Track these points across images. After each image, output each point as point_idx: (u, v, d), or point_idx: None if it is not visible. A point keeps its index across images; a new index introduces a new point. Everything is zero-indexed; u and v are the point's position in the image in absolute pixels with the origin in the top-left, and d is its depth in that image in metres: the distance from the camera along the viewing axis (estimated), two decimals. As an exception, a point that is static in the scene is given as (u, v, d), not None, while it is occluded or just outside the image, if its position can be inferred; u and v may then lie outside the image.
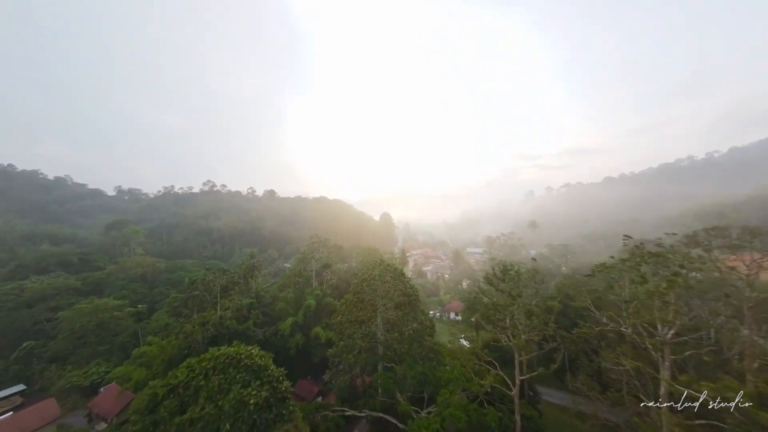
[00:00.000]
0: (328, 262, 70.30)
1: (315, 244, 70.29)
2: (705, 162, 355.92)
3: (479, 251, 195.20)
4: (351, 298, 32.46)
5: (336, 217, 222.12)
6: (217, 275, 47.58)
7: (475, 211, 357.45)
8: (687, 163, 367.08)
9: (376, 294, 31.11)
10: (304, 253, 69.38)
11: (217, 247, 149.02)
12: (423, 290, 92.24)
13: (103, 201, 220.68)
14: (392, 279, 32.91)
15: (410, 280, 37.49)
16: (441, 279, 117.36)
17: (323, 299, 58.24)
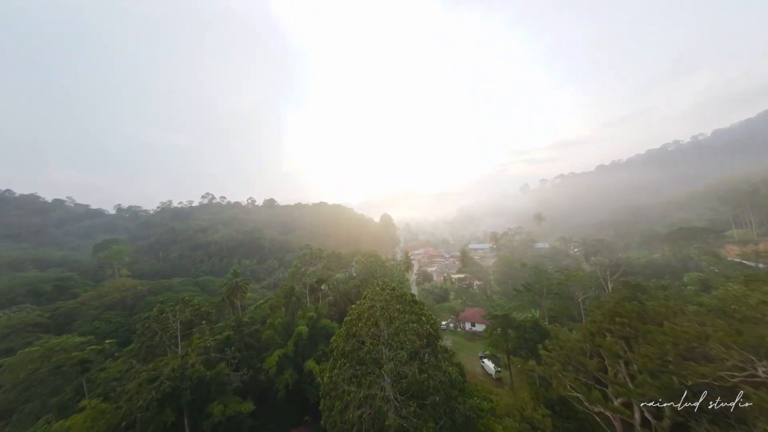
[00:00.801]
0: (323, 276, 59.16)
1: (307, 256, 59.32)
2: (692, 145, 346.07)
3: (483, 247, 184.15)
4: (342, 346, 21.31)
5: (336, 222, 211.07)
6: (177, 308, 36.39)
7: (472, 207, 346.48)
8: (674, 148, 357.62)
9: (379, 341, 20.08)
10: (295, 267, 58.33)
11: (214, 261, 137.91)
12: (431, 295, 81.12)
13: (103, 220, 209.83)
14: (401, 313, 21.83)
15: (427, 309, 26.24)
16: (448, 280, 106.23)
17: (318, 321, 47.25)
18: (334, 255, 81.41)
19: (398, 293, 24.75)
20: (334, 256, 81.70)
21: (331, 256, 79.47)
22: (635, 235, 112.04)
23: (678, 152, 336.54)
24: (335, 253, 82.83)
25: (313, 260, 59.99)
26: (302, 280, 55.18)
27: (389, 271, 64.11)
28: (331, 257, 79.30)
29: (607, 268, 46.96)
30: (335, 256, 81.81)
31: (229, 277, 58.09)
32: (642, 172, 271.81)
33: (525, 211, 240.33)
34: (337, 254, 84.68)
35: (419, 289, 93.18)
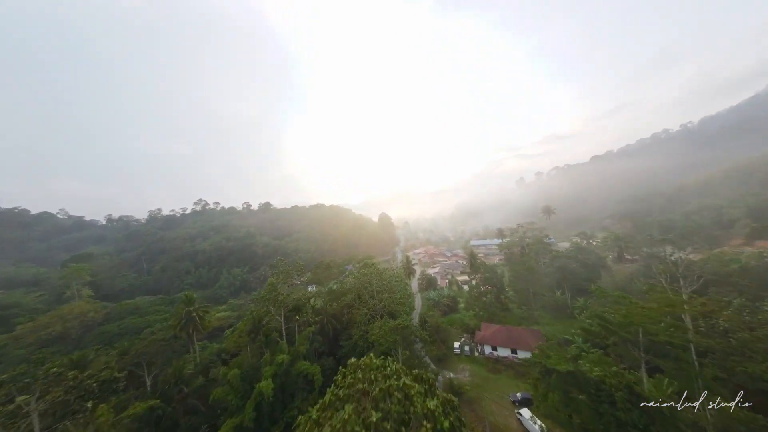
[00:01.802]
0: (300, 301, 44.72)
1: (282, 274, 44.96)
2: (684, 132, 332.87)
3: (485, 243, 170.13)
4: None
5: (333, 224, 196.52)
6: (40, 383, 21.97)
7: (470, 202, 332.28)
8: (666, 136, 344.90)
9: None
10: (270, 286, 43.97)
11: (201, 271, 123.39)
12: (438, 307, 67.08)
13: (93, 232, 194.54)
14: None
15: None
16: (454, 284, 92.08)
17: (294, 365, 33.16)
18: (322, 265, 67.34)
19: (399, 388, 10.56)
20: (323, 266, 67.59)
21: (319, 267, 65.46)
22: (655, 226, 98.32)
23: (672, 140, 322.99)
24: (324, 262, 68.93)
25: (290, 278, 45.78)
26: (277, 303, 40.97)
27: (388, 283, 49.88)
28: (320, 267, 65.26)
29: (685, 279, 32.57)
30: (324, 266, 67.69)
31: (178, 307, 43.75)
32: (639, 161, 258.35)
33: (526, 205, 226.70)
34: (327, 264, 70.60)
35: (423, 297, 79.08)
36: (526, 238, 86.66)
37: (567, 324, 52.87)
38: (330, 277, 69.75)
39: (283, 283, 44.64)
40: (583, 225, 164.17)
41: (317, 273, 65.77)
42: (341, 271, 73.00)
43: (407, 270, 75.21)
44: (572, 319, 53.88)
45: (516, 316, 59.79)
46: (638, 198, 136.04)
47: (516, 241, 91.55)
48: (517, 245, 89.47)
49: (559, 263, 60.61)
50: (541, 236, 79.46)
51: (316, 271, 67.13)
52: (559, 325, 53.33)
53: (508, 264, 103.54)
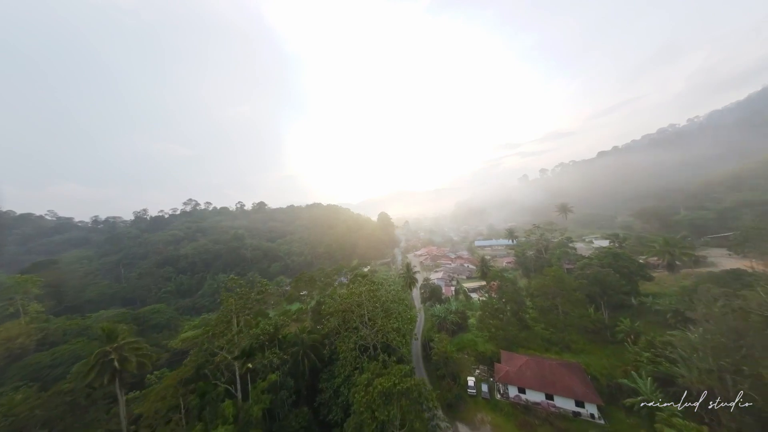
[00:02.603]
0: (260, 340, 33.47)
1: (232, 307, 33.59)
2: (690, 127, 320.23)
3: (491, 244, 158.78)
4: None
5: (330, 224, 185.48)
6: None
7: (472, 201, 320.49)
8: (672, 131, 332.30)
9: None
10: (220, 319, 32.75)
11: (183, 277, 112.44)
12: (444, 325, 55.90)
13: (75, 235, 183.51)
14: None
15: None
16: (462, 293, 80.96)
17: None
18: (304, 278, 56.07)
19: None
20: (304, 279, 56.29)
21: (300, 280, 54.37)
22: (685, 225, 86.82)
23: (681, 134, 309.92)
24: (306, 274, 57.70)
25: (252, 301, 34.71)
26: (229, 343, 29.81)
27: (384, 304, 38.51)
28: (300, 281, 54.15)
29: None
30: (306, 279, 56.37)
31: (92, 346, 32.54)
32: (648, 155, 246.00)
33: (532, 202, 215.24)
34: (310, 276, 59.22)
35: (426, 310, 67.90)
36: (545, 240, 75.15)
37: (609, 352, 41.63)
38: (313, 288, 58.38)
39: (242, 312, 33.57)
40: (598, 223, 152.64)
41: (298, 287, 54.54)
42: (328, 283, 61.55)
43: (408, 280, 63.99)
44: (614, 344, 42.73)
45: (540, 338, 48.54)
46: (658, 194, 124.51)
47: (532, 243, 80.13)
48: (533, 248, 78.02)
49: (592, 272, 49.23)
50: (564, 238, 68.00)
51: (297, 285, 55.83)
52: (599, 353, 42.04)
53: (520, 268, 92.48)
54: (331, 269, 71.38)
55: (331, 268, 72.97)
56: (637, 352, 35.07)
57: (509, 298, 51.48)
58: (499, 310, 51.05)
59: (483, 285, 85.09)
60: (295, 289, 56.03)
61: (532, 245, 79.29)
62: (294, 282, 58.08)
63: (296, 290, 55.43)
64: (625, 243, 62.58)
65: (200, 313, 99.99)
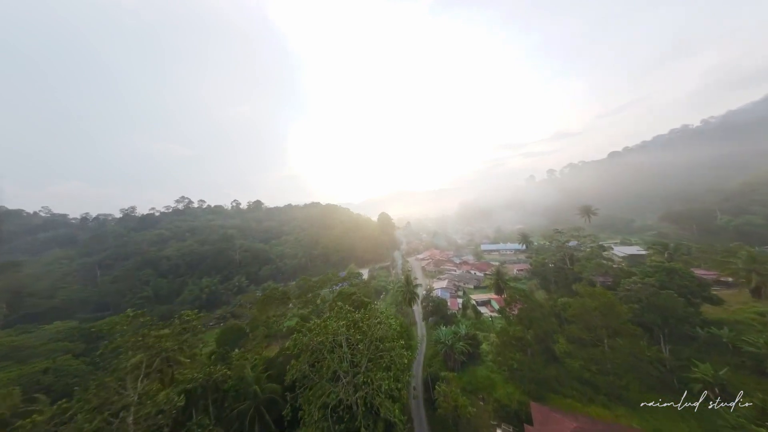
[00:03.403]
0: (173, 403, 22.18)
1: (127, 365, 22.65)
2: (705, 128, 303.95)
3: (498, 248, 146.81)
4: None
5: (328, 225, 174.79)
6: None
7: (476, 201, 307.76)
8: (685, 132, 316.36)
9: None
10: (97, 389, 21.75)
11: (163, 281, 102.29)
12: (455, 356, 44.53)
13: (62, 232, 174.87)
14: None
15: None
16: (470, 308, 69.50)
17: None
18: (274, 296, 44.97)
19: None
20: (275, 298, 45.24)
21: (268, 301, 43.43)
22: (731, 231, 74.43)
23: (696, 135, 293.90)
24: (276, 291, 46.63)
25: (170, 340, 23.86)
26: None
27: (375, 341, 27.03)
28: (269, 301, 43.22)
29: None
30: (277, 298, 45.27)
31: None
32: (663, 156, 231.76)
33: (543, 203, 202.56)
34: (282, 293, 48.07)
35: (428, 329, 56.65)
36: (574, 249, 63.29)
37: (685, 414, 29.57)
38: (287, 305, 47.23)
39: (156, 357, 22.84)
40: (614, 227, 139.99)
41: (265, 309, 42.93)
42: (309, 300, 49.98)
43: (407, 295, 52.76)
44: (681, 393, 31.10)
45: (576, 379, 37.20)
46: (686, 196, 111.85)
47: (552, 251, 68.39)
48: (555, 256, 66.29)
49: (649, 294, 37.52)
50: (596, 247, 56.20)
51: (264, 306, 44.09)
52: (669, 413, 30.14)
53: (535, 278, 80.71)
54: (317, 279, 60.13)
55: (317, 278, 61.75)
56: (741, 424, 23.48)
57: (537, 327, 40.03)
58: (522, 340, 39.66)
59: (494, 298, 73.81)
60: (260, 311, 44.58)
61: (553, 253, 67.50)
62: (259, 303, 46.33)
63: (262, 313, 44.17)
64: (676, 254, 51.00)
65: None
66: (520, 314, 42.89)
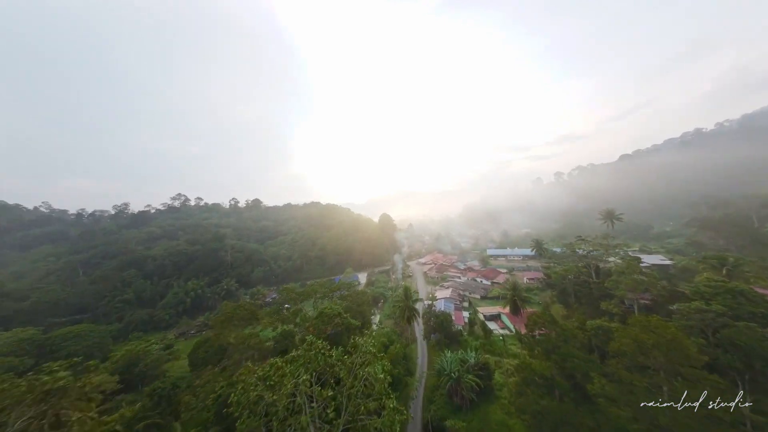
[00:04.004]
0: None
1: None
2: (721, 131, 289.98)
3: (505, 254, 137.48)
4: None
5: (327, 225, 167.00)
6: None
7: (481, 204, 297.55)
8: (699, 135, 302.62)
9: None
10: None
11: (146, 283, 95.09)
12: (463, 390, 35.90)
13: (55, 228, 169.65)
14: None
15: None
16: (479, 324, 60.93)
17: None
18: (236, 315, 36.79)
19: None
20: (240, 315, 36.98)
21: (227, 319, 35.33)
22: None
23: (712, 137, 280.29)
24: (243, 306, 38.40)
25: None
26: None
27: (358, 394, 18.84)
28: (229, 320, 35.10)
29: None
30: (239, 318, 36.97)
31: None
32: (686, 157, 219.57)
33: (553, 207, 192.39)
34: (250, 309, 39.83)
35: (433, 364, 48.05)
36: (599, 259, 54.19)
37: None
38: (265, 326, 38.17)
39: None
40: (630, 233, 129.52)
41: (223, 333, 34.29)
42: (285, 318, 41.40)
43: (406, 312, 44.28)
44: None
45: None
46: (717, 201, 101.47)
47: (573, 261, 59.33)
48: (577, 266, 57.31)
49: (717, 325, 28.57)
50: (632, 260, 47.16)
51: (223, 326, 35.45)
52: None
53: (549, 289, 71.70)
54: (300, 291, 51.64)
55: (302, 289, 53.27)
56: None
57: (567, 361, 31.29)
58: (549, 379, 30.97)
59: (505, 312, 64.80)
60: (217, 335, 35.69)
61: (574, 263, 58.41)
62: (218, 324, 37.57)
63: (219, 337, 35.39)
64: (736, 270, 41.57)
65: (158, 329, 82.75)
66: (544, 343, 34.21)
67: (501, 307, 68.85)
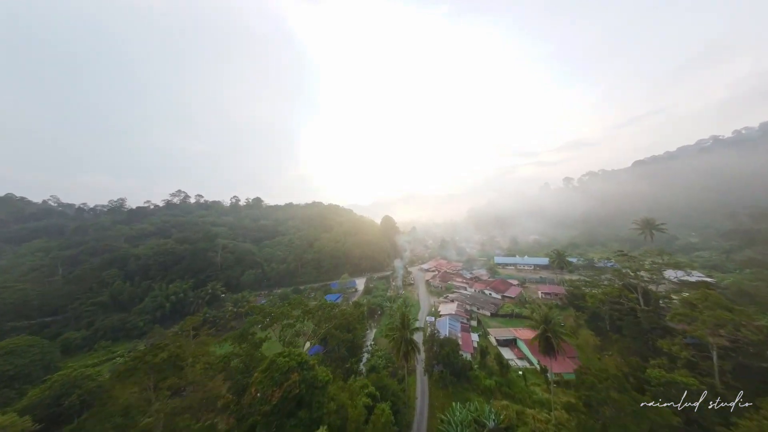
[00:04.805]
0: None
1: None
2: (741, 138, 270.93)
3: (514, 262, 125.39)
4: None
5: (325, 226, 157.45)
6: None
7: (487, 208, 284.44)
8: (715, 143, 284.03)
9: None
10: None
11: (125, 285, 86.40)
12: None
13: (53, 222, 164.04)
14: None
15: None
16: (493, 356, 50.20)
17: None
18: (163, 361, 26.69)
19: None
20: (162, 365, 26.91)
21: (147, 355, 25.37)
22: None
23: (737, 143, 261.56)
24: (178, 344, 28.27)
25: None
26: None
27: None
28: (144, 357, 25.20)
29: None
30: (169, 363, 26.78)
31: None
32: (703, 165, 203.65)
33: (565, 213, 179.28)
34: (204, 341, 29.54)
35: (439, 414, 37.29)
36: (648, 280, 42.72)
37: None
38: None
39: None
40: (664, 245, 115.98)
41: (127, 388, 24.93)
42: (244, 349, 30.69)
43: (403, 346, 33.75)
44: None
45: None
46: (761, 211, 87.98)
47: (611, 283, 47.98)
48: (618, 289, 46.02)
49: None
50: (707, 288, 35.79)
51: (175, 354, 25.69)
52: None
53: (570, 306, 60.19)
54: (274, 310, 40.92)
55: (273, 307, 42.45)
56: None
57: None
58: None
59: (522, 336, 53.59)
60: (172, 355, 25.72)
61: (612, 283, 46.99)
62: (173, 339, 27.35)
63: (175, 357, 25.04)
64: None
65: (130, 337, 73.67)
66: (589, 400, 23.24)
67: (518, 328, 57.69)
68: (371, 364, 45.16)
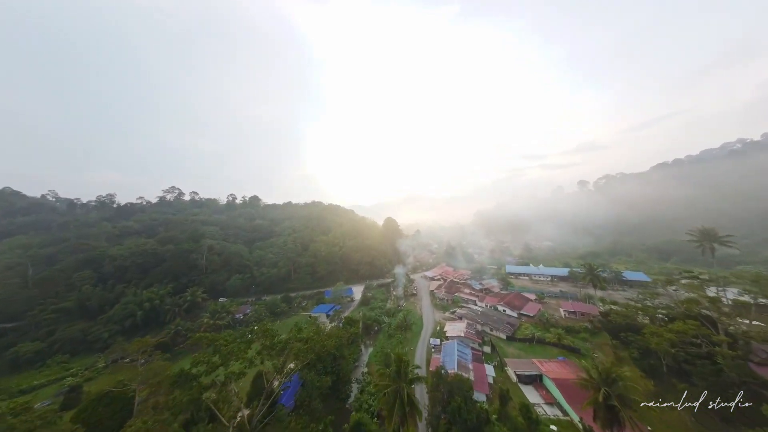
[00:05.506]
0: None
1: None
2: None
3: (528, 272, 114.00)
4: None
5: (324, 228, 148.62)
6: None
7: (496, 211, 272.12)
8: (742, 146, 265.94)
9: None
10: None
11: (94, 289, 78.50)
12: None
13: (42, 217, 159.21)
14: None
15: None
16: (516, 408, 39.68)
17: None
18: None
19: None
20: None
21: None
22: None
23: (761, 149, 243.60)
24: None
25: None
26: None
27: None
28: None
29: None
30: None
31: None
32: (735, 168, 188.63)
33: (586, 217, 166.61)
34: None
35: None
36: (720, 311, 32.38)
37: None
38: None
39: None
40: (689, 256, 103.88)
41: None
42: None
43: (398, 409, 24.15)
44: None
45: None
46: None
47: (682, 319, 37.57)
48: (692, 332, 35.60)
49: None
50: None
51: None
52: None
53: (605, 330, 49.08)
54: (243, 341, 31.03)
55: (227, 342, 31.92)
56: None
57: None
58: None
59: (549, 371, 43.24)
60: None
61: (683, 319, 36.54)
62: None
63: None
64: None
65: (92, 351, 65.50)
66: None
67: (542, 361, 47.28)
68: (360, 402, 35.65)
